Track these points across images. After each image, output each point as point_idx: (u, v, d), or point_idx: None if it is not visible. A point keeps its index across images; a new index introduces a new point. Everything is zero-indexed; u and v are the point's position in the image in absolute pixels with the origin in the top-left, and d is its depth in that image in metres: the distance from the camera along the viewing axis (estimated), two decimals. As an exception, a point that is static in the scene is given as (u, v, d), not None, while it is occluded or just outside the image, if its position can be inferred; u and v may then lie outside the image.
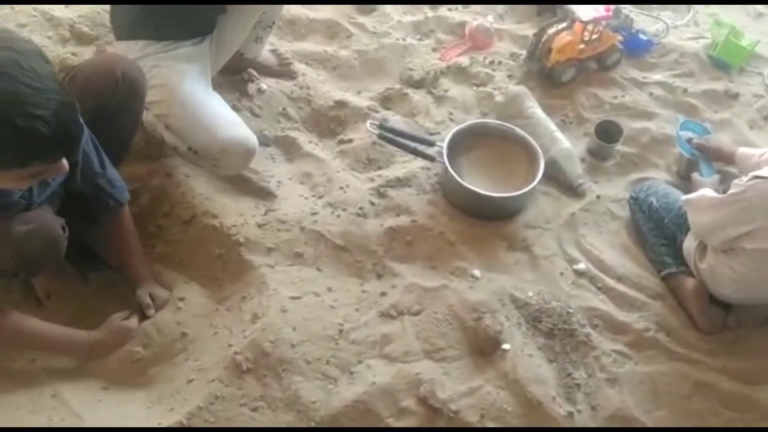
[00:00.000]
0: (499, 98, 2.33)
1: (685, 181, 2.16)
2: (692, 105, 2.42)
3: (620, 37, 2.52)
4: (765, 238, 1.64)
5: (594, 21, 2.37)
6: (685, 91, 2.47)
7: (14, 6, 2.35)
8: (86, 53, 2.28)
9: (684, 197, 1.86)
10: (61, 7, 2.44)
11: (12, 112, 1.07)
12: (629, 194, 2.11)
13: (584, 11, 2.36)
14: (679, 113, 2.39)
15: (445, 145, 2.03)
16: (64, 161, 1.27)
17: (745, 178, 1.66)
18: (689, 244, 1.86)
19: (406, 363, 1.71)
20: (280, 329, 1.67)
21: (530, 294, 1.87)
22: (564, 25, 2.43)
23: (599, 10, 2.39)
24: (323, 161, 2.14)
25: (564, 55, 2.40)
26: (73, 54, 2.25)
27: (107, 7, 2.43)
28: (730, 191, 1.70)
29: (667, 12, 2.85)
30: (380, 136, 2.01)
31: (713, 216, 1.74)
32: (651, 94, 2.46)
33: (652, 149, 2.30)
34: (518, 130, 2.12)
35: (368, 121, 2.05)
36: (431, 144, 2.07)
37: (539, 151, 2.06)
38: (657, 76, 2.53)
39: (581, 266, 1.96)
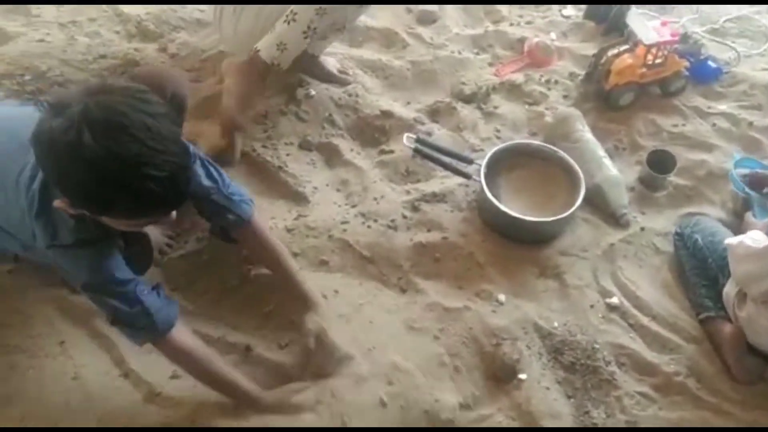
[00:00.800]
0: (548, 119, 2.27)
1: (739, 220, 2.04)
2: (756, 140, 2.28)
3: (686, 63, 2.41)
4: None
5: (657, 45, 2.27)
6: (750, 124, 2.33)
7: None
8: (149, 49, 2.39)
9: (726, 241, 1.75)
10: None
11: (130, 174, 1.11)
12: (674, 229, 2.01)
13: (648, 34, 2.27)
14: (741, 147, 2.26)
15: (483, 163, 2.00)
16: (173, 213, 1.31)
17: None
18: (729, 289, 1.75)
19: (418, 382, 1.70)
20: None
21: (556, 324, 1.81)
22: (626, 47, 2.35)
23: (664, 34, 2.29)
24: (362, 170, 2.14)
25: (623, 78, 2.32)
26: (136, 50, 2.36)
27: (174, 5, 2.55)
28: None
29: (742, 40, 2.71)
30: (416, 150, 2.00)
31: (751, 266, 1.63)
32: (714, 125, 2.33)
33: (708, 183, 2.18)
34: (561, 152, 2.06)
35: (405, 135, 2.03)
36: (469, 161, 2.04)
37: (581, 176, 2.00)
38: (722, 107, 2.40)
39: (614, 300, 1.88)
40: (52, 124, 1.11)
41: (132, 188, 1.13)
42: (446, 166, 2.00)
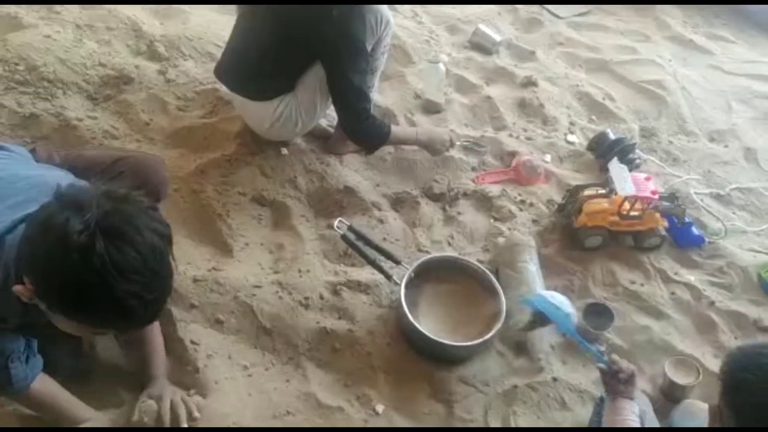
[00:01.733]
0: (501, 240, 2.21)
1: (664, 399, 1.92)
2: (711, 321, 2.13)
3: (665, 223, 2.32)
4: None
5: (633, 198, 2.20)
6: (711, 304, 2.19)
7: (111, 9, 2.59)
8: (149, 69, 2.47)
9: None
10: (156, 23, 2.66)
11: (119, 283, 1.11)
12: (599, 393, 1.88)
13: (624, 186, 2.20)
14: (693, 324, 2.13)
15: (411, 268, 1.96)
16: None
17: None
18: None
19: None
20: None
21: (423, 453, 1.74)
22: (602, 191, 2.28)
23: (644, 188, 2.22)
24: (301, 239, 2.14)
25: (593, 221, 2.24)
26: (137, 67, 2.45)
27: (190, 33, 2.63)
28: None
29: (743, 213, 2.58)
30: (343, 237, 1.97)
31: None
32: (673, 293, 2.21)
33: (645, 353, 2.05)
34: (493, 278, 2.00)
35: (337, 219, 2.01)
36: (397, 262, 2.00)
37: (504, 308, 1.93)
38: (690, 277, 2.27)
39: (494, 447, 1.79)
40: (69, 224, 1.10)
41: (114, 299, 1.13)
42: (369, 261, 1.96)
